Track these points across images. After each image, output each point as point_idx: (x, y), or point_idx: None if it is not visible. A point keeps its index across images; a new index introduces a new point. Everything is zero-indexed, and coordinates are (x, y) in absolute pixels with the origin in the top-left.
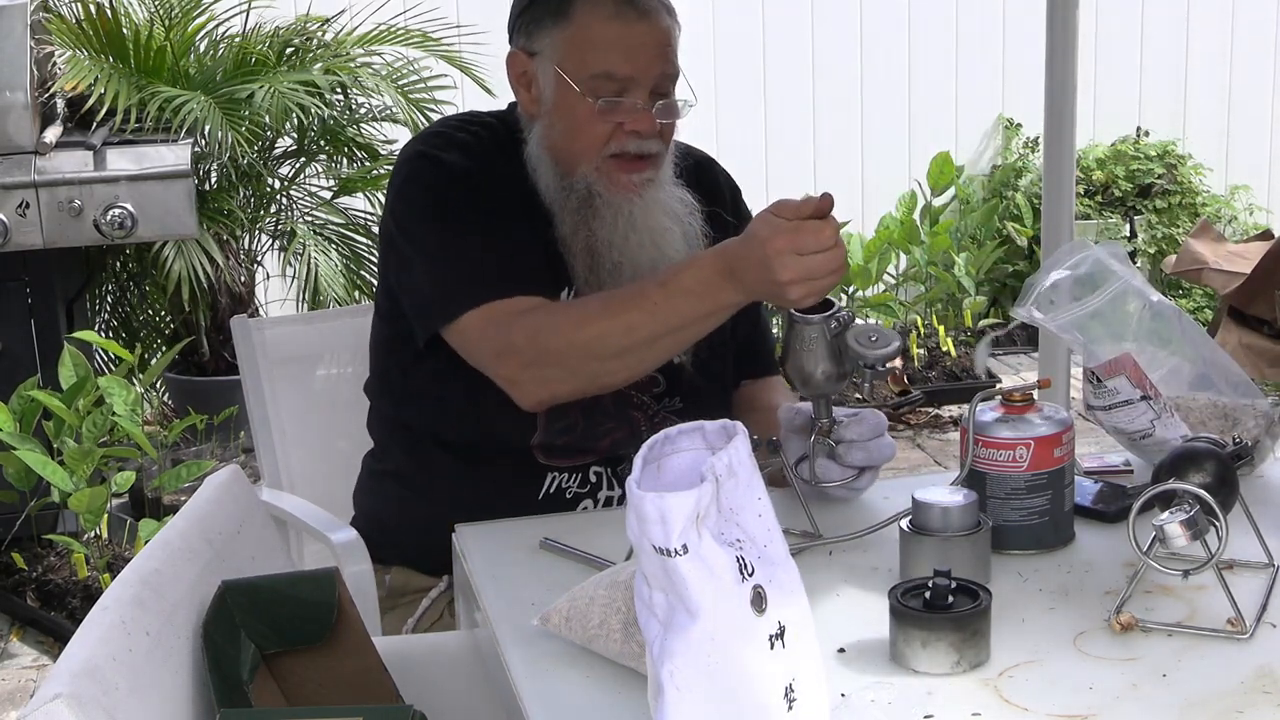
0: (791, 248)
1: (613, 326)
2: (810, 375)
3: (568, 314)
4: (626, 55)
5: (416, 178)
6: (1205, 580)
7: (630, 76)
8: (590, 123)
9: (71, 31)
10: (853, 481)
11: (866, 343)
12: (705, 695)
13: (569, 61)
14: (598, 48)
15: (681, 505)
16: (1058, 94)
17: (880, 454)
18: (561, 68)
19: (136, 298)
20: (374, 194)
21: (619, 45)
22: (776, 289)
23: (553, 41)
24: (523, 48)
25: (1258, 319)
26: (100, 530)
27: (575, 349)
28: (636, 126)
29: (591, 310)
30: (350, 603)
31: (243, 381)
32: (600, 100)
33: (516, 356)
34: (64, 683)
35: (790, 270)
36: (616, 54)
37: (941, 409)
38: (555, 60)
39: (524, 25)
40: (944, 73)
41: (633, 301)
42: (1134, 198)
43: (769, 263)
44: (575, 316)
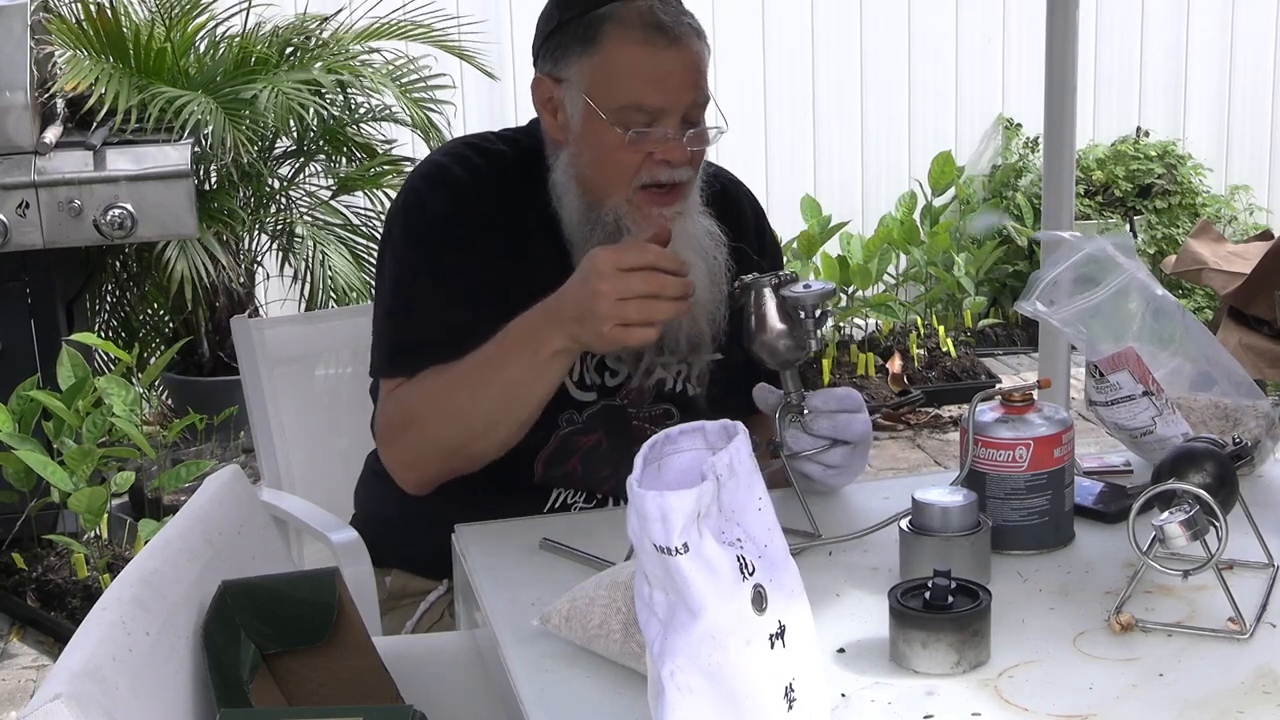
0: (614, 263)
1: (461, 391)
2: (775, 345)
3: (424, 388)
4: (656, 85)
5: (397, 217)
6: (1205, 580)
7: (660, 107)
8: (619, 153)
9: (71, 31)
10: (822, 454)
11: (802, 289)
12: (705, 695)
13: (597, 91)
14: (627, 77)
15: (682, 504)
16: (1058, 94)
17: (850, 428)
18: (590, 97)
19: (136, 298)
20: (374, 193)
21: (649, 75)
22: (593, 319)
23: (580, 69)
24: (549, 74)
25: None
26: (100, 530)
27: (431, 422)
28: (668, 156)
29: (446, 379)
30: (350, 603)
31: (243, 381)
32: (631, 132)
33: (389, 436)
34: (64, 683)
35: (608, 285)
36: (646, 84)
37: (941, 409)
38: (583, 89)
39: (550, 51)
40: (944, 73)
41: (476, 364)
42: (1134, 198)
43: (588, 284)
44: (430, 388)
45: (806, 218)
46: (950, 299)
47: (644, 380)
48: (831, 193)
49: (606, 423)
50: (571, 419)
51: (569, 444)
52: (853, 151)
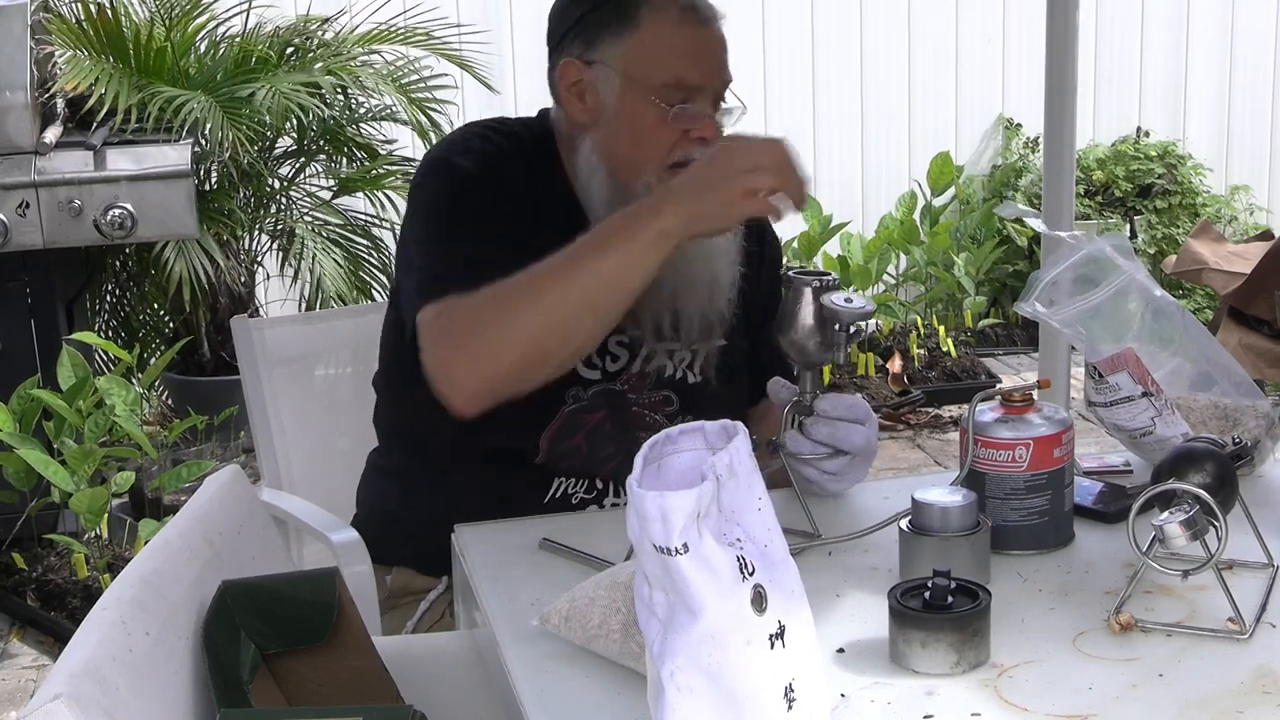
0: (744, 140)
1: (548, 285)
2: (804, 344)
3: (498, 291)
4: (694, 62)
5: (423, 182)
6: (1205, 580)
7: (698, 84)
8: (657, 130)
9: (71, 31)
10: (823, 462)
11: (843, 302)
12: (705, 695)
13: (637, 69)
14: (667, 55)
15: (682, 504)
16: (1058, 94)
17: (847, 438)
18: (628, 75)
19: (136, 298)
20: (374, 194)
21: (687, 52)
22: (722, 181)
23: (616, 50)
24: (579, 56)
25: (1258, 319)
26: (100, 530)
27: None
28: (703, 134)
29: (527, 277)
30: (350, 603)
31: (243, 381)
32: (675, 108)
33: (447, 341)
34: (64, 683)
35: (740, 154)
36: (685, 61)
37: (941, 409)
38: (620, 68)
39: (579, 35)
40: (944, 73)
41: (564, 259)
42: (1134, 198)
43: (715, 157)
44: (506, 290)
45: (807, 217)
46: (950, 299)
47: (644, 366)
48: (831, 193)
49: (609, 402)
50: (577, 396)
51: (574, 421)
52: (853, 151)
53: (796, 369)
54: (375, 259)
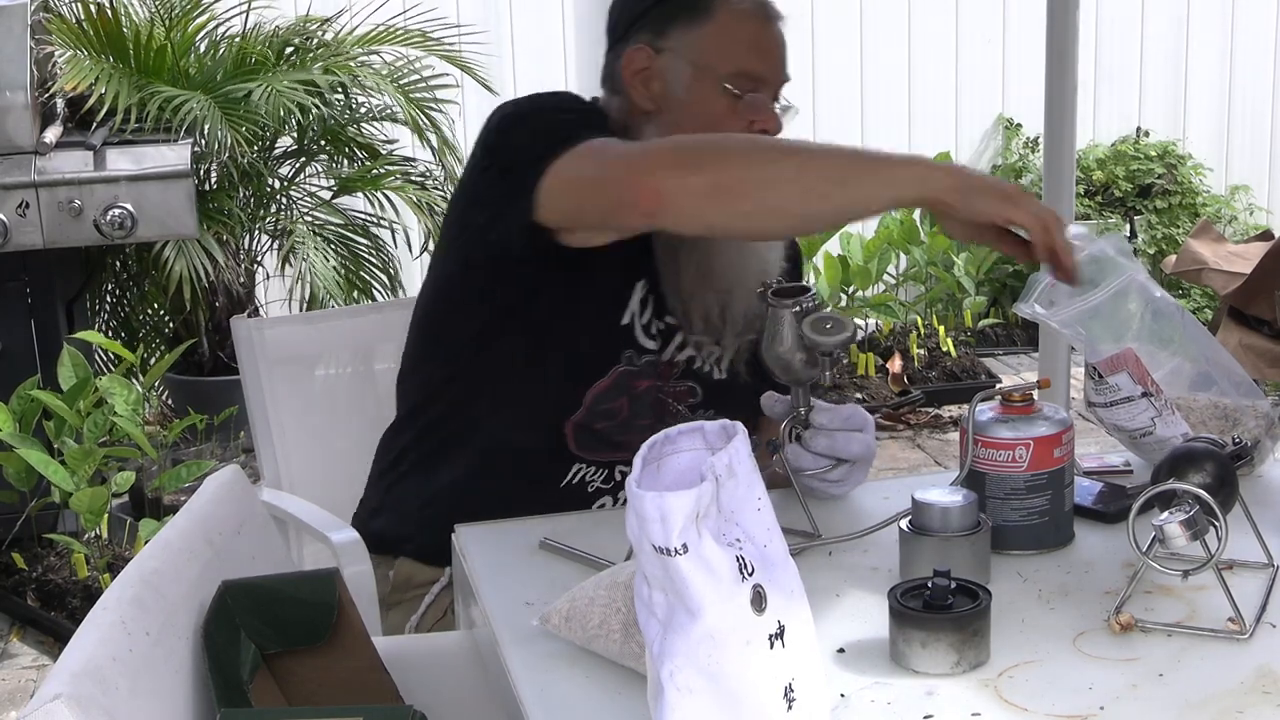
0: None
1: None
2: (789, 362)
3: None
4: (764, 55)
5: (534, 103)
6: (1205, 580)
7: (764, 77)
8: (726, 118)
9: (71, 31)
10: (825, 473)
11: (822, 330)
12: (705, 695)
13: (708, 57)
14: (738, 46)
15: (681, 505)
16: (1058, 94)
17: (846, 447)
18: (699, 63)
19: (136, 298)
20: (374, 194)
21: (758, 45)
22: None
23: (689, 38)
24: (648, 43)
25: (1258, 319)
26: (100, 530)
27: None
28: (766, 125)
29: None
30: (350, 603)
31: (243, 381)
32: (746, 95)
33: (666, 157)
34: (64, 683)
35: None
36: (756, 53)
37: (941, 409)
38: (691, 56)
39: (649, 23)
40: (944, 73)
41: (814, 144)
42: (1134, 198)
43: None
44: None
45: None
46: (950, 299)
47: (675, 354)
48: None
49: (657, 374)
50: (631, 359)
51: (622, 382)
52: None
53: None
54: (375, 259)
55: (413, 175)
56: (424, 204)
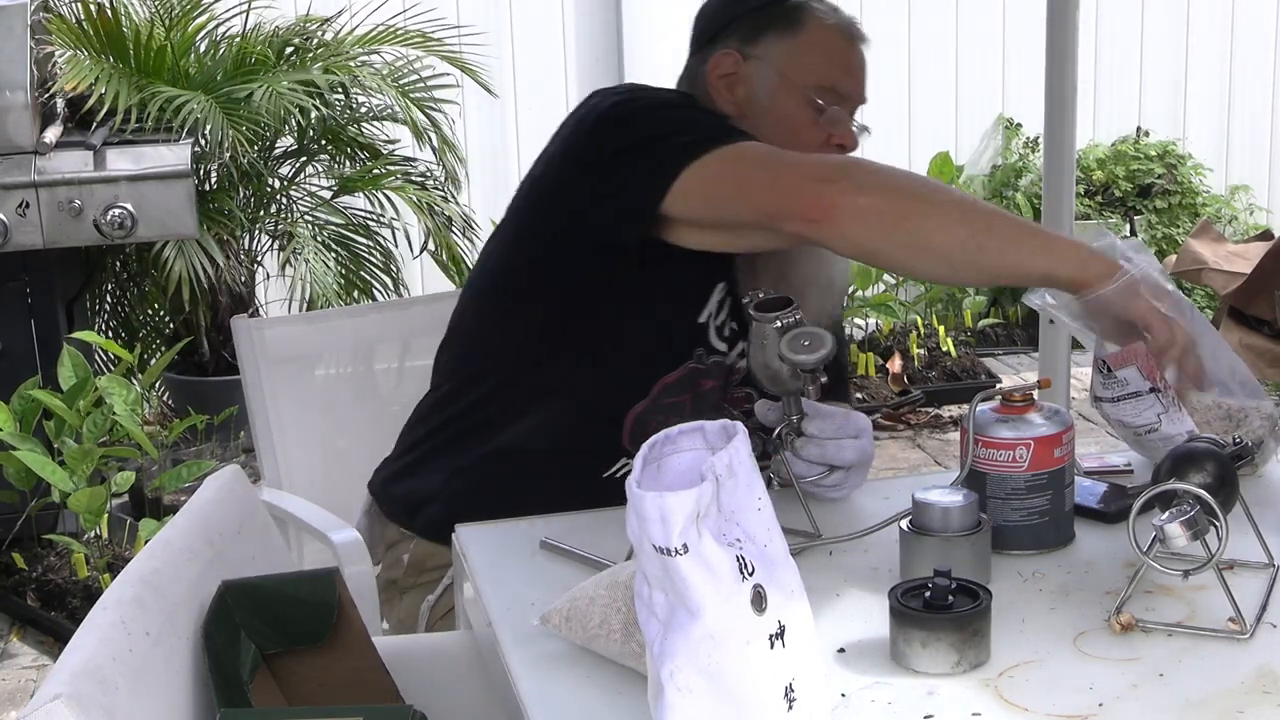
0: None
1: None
2: (776, 373)
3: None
4: (849, 73)
5: (641, 90)
6: (1205, 580)
7: (847, 94)
8: (805, 129)
9: (71, 31)
10: (821, 479)
11: (800, 348)
12: (705, 695)
13: (795, 67)
14: (826, 61)
15: (682, 505)
16: (1058, 94)
17: (839, 455)
18: (786, 73)
19: (136, 298)
20: (374, 194)
21: (844, 63)
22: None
23: (779, 48)
24: (737, 49)
25: (1258, 319)
26: (100, 530)
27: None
28: (844, 141)
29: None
30: (350, 603)
31: (243, 381)
32: (830, 108)
33: (842, 174)
34: (64, 683)
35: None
36: (841, 70)
37: (941, 409)
38: (779, 65)
39: (740, 30)
40: (944, 73)
41: (992, 208)
42: (1134, 198)
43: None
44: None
45: None
46: (950, 299)
47: (737, 360)
48: None
49: (724, 377)
50: (701, 358)
51: (691, 379)
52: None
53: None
54: (375, 259)
55: (413, 175)
56: (424, 204)
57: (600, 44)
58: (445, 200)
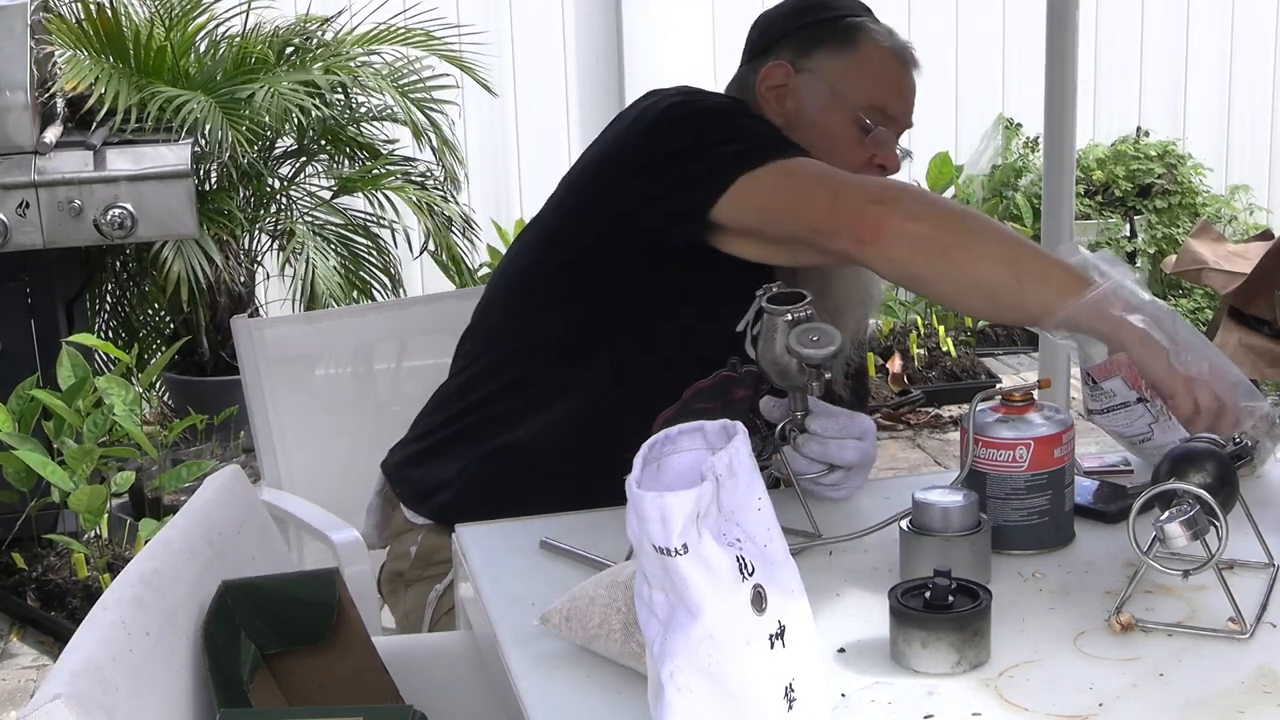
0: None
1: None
2: (784, 367)
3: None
4: (899, 96)
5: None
6: (1205, 580)
7: (895, 117)
8: (850, 147)
9: (71, 31)
10: (821, 477)
11: (809, 342)
12: (705, 695)
13: (846, 85)
14: (878, 81)
15: (682, 505)
16: (1058, 94)
17: (840, 454)
18: (836, 89)
19: (136, 298)
20: (374, 194)
21: (895, 85)
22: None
23: (832, 64)
24: (790, 61)
25: (1258, 319)
26: (100, 530)
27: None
28: (886, 162)
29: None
30: (350, 603)
31: (243, 381)
32: (878, 128)
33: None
34: (64, 683)
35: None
36: (892, 92)
37: (941, 409)
38: (830, 80)
39: (796, 41)
40: (944, 73)
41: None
42: (1134, 198)
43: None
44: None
45: None
46: None
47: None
48: None
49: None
50: (734, 366)
51: (723, 386)
52: None
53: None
54: (375, 259)
55: (413, 175)
56: (424, 204)
57: (600, 44)
58: (445, 200)
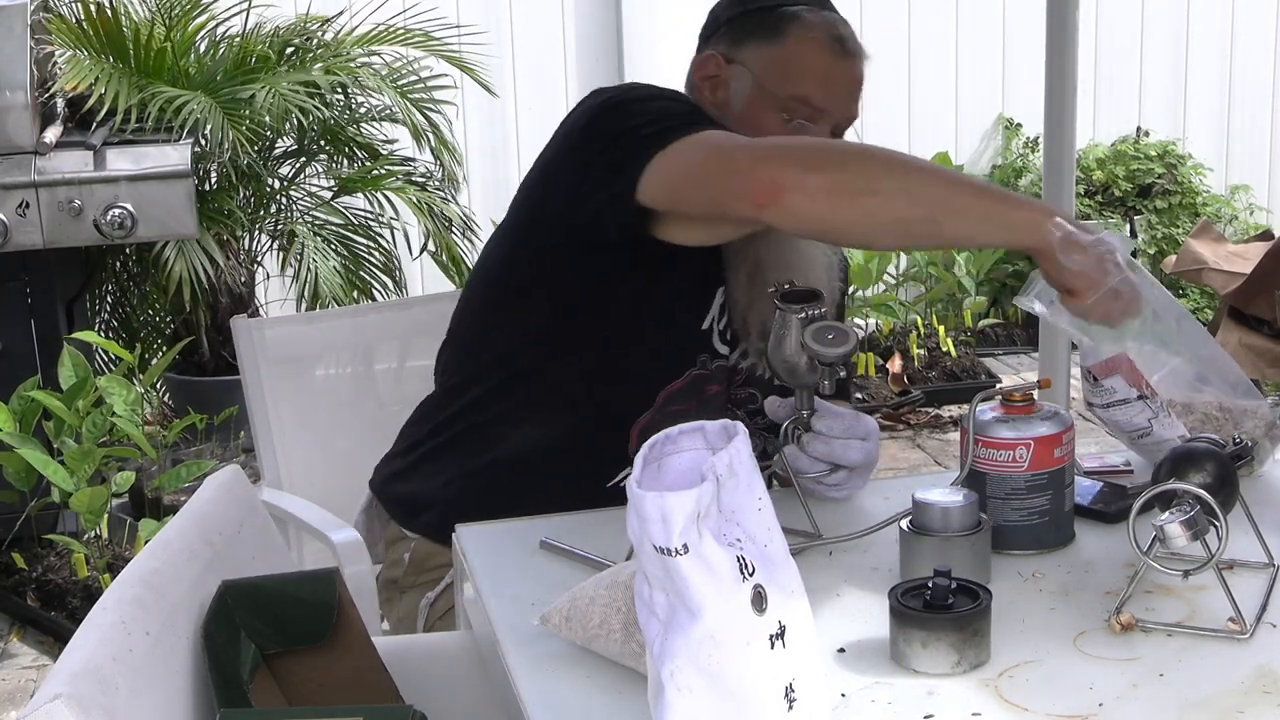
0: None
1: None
2: (794, 366)
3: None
4: (826, 87)
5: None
6: (1205, 580)
7: (823, 108)
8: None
9: (71, 31)
10: (824, 477)
11: (824, 341)
12: (705, 695)
13: (771, 77)
14: (803, 73)
15: (682, 505)
16: (1058, 94)
17: (844, 454)
18: (761, 82)
19: (136, 298)
20: (374, 194)
21: (822, 76)
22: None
23: (759, 55)
24: (722, 53)
25: (1258, 319)
26: (100, 530)
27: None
28: None
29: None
30: (350, 603)
31: (243, 381)
32: (794, 121)
33: (790, 153)
34: (64, 683)
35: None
36: (818, 84)
37: (941, 409)
38: (757, 72)
39: (729, 33)
40: (944, 73)
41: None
42: (1134, 198)
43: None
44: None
45: None
46: (950, 299)
47: (740, 361)
48: None
49: (728, 380)
50: (705, 364)
51: (695, 385)
52: None
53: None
54: (375, 259)
55: (413, 176)
56: (424, 204)
57: (600, 44)
58: (445, 201)
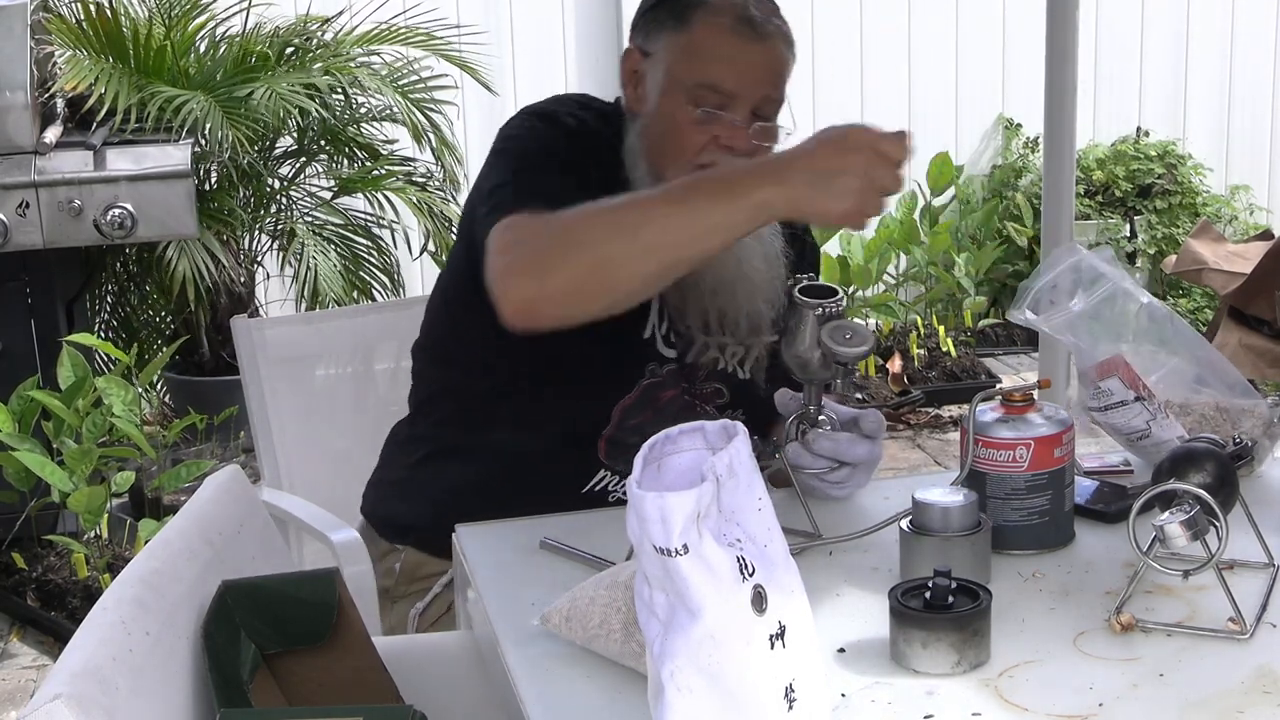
0: (873, 144)
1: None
2: (807, 361)
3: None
4: (734, 71)
5: (522, 125)
6: (1205, 580)
7: (733, 93)
8: (686, 130)
9: (71, 31)
10: (826, 474)
11: (841, 340)
12: (705, 695)
13: (678, 67)
14: (708, 59)
15: (682, 505)
16: (1058, 94)
17: (850, 450)
18: (670, 72)
19: (136, 298)
20: (374, 194)
21: (729, 60)
22: (836, 193)
23: (667, 45)
24: (639, 46)
25: (1258, 319)
26: (100, 530)
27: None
28: (730, 142)
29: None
30: (350, 603)
31: (243, 381)
32: (700, 110)
33: (517, 249)
34: (64, 683)
35: (862, 166)
36: (725, 68)
37: (941, 409)
38: (666, 63)
39: (644, 24)
40: (944, 73)
41: (649, 195)
42: (1134, 198)
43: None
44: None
45: None
46: (950, 299)
47: (698, 357)
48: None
49: (682, 381)
50: (654, 371)
51: (648, 395)
52: None
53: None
54: (375, 259)
55: (413, 176)
56: (424, 205)
57: (600, 44)
58: (445, 201)
